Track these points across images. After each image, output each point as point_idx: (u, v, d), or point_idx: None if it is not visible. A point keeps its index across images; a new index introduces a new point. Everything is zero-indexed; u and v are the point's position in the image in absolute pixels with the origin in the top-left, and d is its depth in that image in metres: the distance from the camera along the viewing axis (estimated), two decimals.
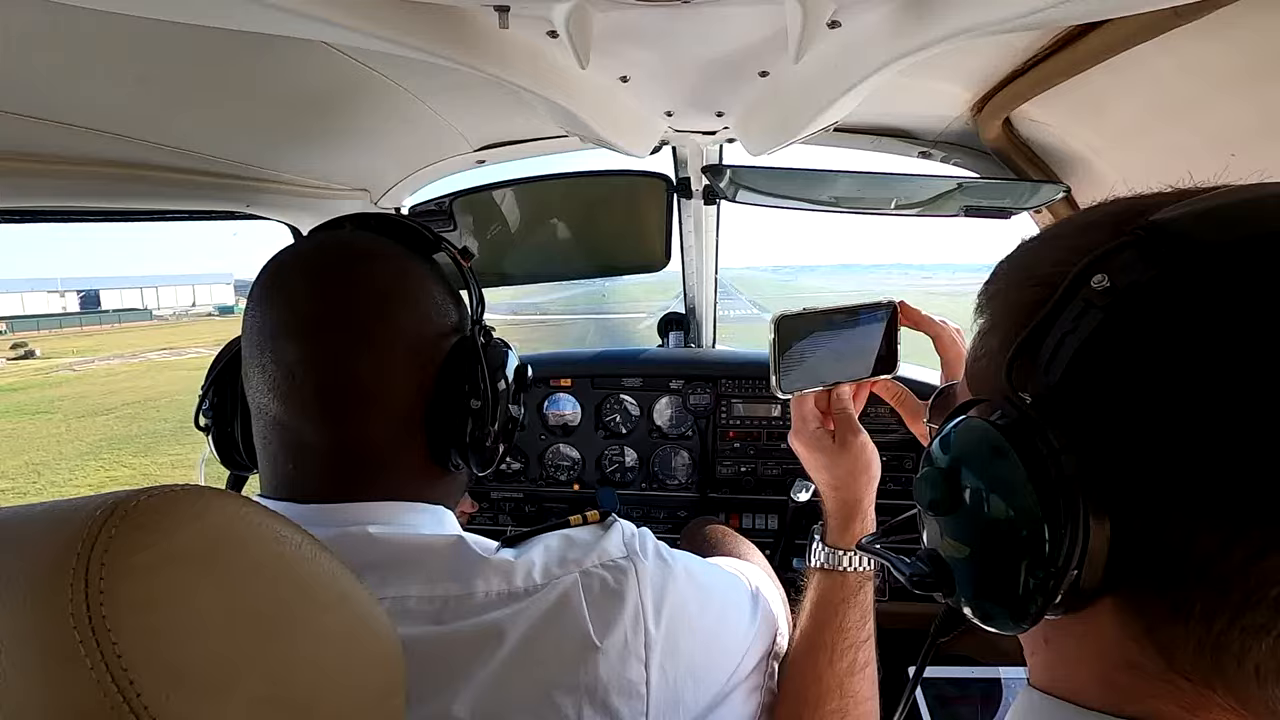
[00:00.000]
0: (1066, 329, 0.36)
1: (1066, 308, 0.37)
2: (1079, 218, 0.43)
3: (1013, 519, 0.37)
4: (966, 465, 0.40)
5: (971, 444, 0.40)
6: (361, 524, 0.63)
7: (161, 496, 0.35)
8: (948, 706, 1.21)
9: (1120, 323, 0.35)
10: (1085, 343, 0.36)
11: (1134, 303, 0.34)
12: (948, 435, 0.42)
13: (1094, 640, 0.38)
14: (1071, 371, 0.36)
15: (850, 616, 0.83)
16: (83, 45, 0.68)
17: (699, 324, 2.07)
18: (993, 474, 0.38)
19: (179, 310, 75.93)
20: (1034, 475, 0.36)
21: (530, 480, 1.81)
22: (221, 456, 0.79)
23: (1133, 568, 0.35)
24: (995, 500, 0.38)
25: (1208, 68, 0.78)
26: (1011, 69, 0.99)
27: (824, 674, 0.81)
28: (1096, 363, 0.35)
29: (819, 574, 0.87)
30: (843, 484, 0.88)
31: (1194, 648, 0.33)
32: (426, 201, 1.52)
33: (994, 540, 0.39)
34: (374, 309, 0.66)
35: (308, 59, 0.86)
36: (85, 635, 0.30)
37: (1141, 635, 0.35)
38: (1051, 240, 0.43)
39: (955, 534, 0.41)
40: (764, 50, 0.89)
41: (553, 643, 0.60)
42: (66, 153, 0.86)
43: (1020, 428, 0.37)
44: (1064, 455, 0.35)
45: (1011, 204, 1.27)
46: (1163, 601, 0.34)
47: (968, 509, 0.40)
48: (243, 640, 0.35)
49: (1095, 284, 0.35)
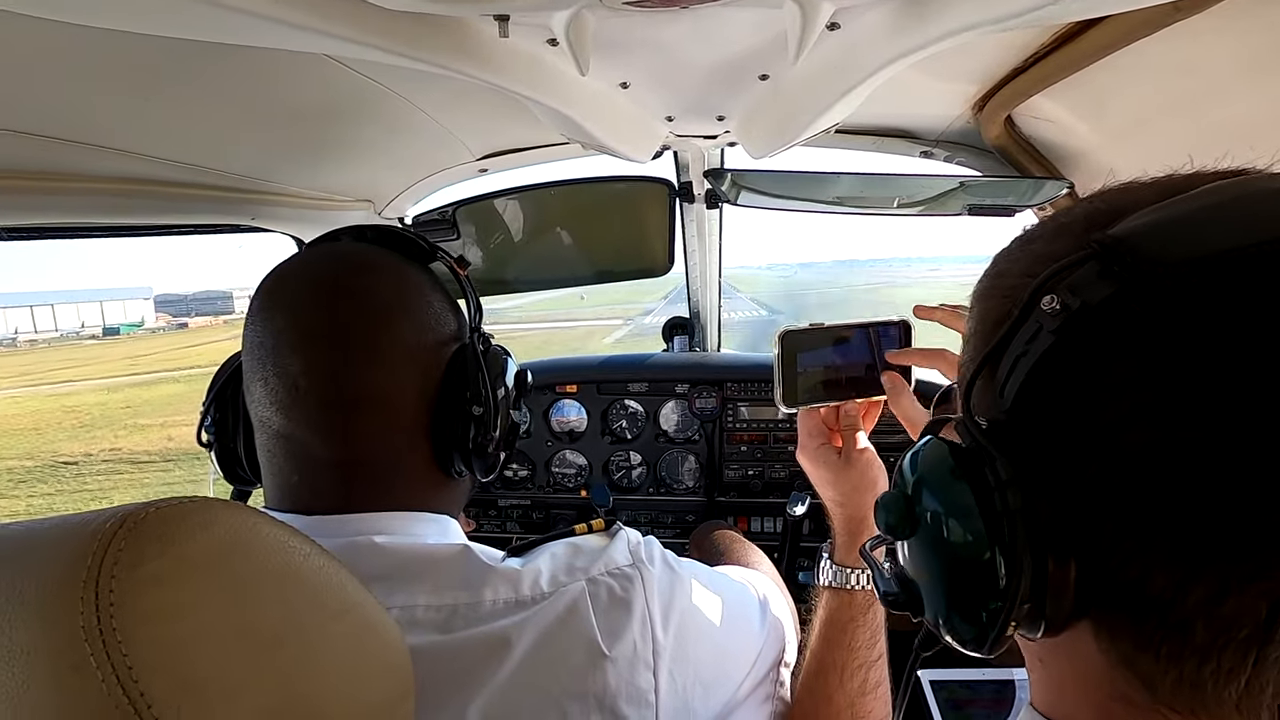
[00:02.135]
0: (1019, 351, 0.35)
1: (1021, 327, 0.35)
2: (1057, 218, 0.41)
3: (964, 548, 0.36)
4: (925, 488, 0.39)
5: (929, 467, 0.39)
6: (368, 534, 0.63)
7: (170, 508, 0.35)
8: (960, 709, 1.20)
9: (1067, 348, 0.33)
10: (1034, 368, 0.34)
11: (1083, 327, 0.32)
12: (914, 455, 0.41)
13: (1082, 665, 0.37)
14: (1021, 397, 0.35)
15: (859, 636, 0.82)
16: (86, 62, 0.69)
17: (703, 328, 2.07)
18: (945, 500, 0.38)
19: (66, 333, 62.19)
20: (982, 506, 0.35)
21: (537, 487, 1.81)
22: (225, 472, 0.79)
23: (1096, 599, 0.34)
24: (948, 528, 0.37)
25: (1209, 61, 0.78)
26: (1012, 67, 0.99)
27: (835, 695, 0.80)
28: (1043, 390, 0.34)
29: (827, 593, 0.85)
30: (848, 500, 0.86)
31: (1171, 683, 0.32)
32: (430, 211, 1.53)
33: (948, 567, 0.38)
34: (374, 320, 0.66)
35: (310, 72, 0.87)
36: (96, 647, 0.30)
37: (1121, 665, 0.34)
38: (1025, 244, 0.41)
39: (914, 558, 0.41)
40: (764, 53, 0.89)
41: (561, 651, 0.60)
42: (72, 170, 0.87)
43: (972, 455, 0.36)
44: (1009, 489, 0.34)
45: (1015, 201, 1.27)
46: (1132, 633, 0.33)
47: (923, 535, 0.39)
48: (252, 650, 0.35)
49: (1045, 306, 0.33)
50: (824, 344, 0.89)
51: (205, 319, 67.14)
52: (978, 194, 1.27)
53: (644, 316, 36.17)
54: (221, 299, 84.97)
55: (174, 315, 73.51)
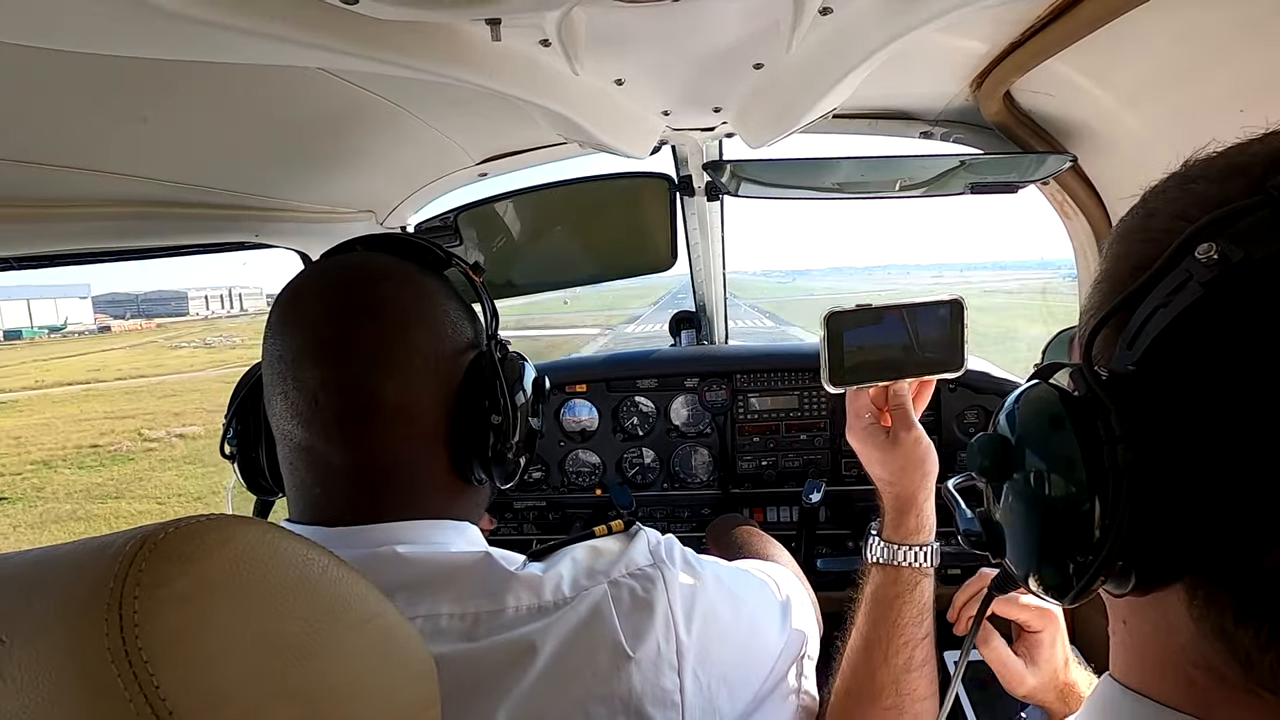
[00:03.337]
0: (1159, 302, 0.32)
1: (1166, 276, 0.32)
2: (1230, 155, 0.36)
3: (1059, 499, 0.35)
4: (1025, 435, 0.38)
5: (1033, 414, 0.38)
6: (390, 544, 0.63)
7: (188, 527, 0.35)
8: (984, 688, 1.19)
9: (1217, 305, 0.30)
10: (1176, 321, 0.31)
11: (1239, 283, 0.29)
12: (1019, 398, 0.39)
13: (1167, 630, 0.35)
14: (1154, 351, 0.32)
15: (906, 612, 0.82)
16: (82, 87, 0.70)
17: (710, 321, 2.07)
18: (1047, 448, 0.36)
19: None
20: (1089, 458, 0.33)
21: (552, 488, 1.82)
22: (247, 482, 0.80)
23: (1197, 565, 0.32)
24: (1044, 476, 0.36)
25: (1208, 28, 0.77)
26: (1009, 41, 0.97)
27: (878, 670, 0.80)
28: (1182, 346, 0.31)
29: (875, 569, 0.86)
30: (896, 479, 0.87)
31: (1271, 663, 0.30)
32: (432, 218, 1.53)
33: (1040, 515, 0.37)
34: (393, 330, 0.66)
35: (306, 86, 0.87)
36: (123, 668, 0.31)
37: (1214, 636, 0.32)
38: (1185, 184, 0.37)
39: (1007, 501, 0.39)
40: (757, 42, 0.88)
41: (586, 655, 0.60)
42: (72, 196, 0.88)
43: (1085, 405, 0.34)
44: (1121, 444, 0.32)
45: (1017, 178, 1.26)
46: (1234, 606, 0.31)
47: (1018, 480, 0.38)
48: (276, 664, 0.35)
49: (1200, 255, 0.30)
50: (871, 324, 0.90)
51: (149, 321, 63.75)
52: (979, 172, 1.26)
53: (626, 325, 34.39)
54: (175, 299, 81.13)
55: (115, 317, 70.11)
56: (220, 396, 4.58)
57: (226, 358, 30.45)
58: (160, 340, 42.99)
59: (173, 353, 35.46)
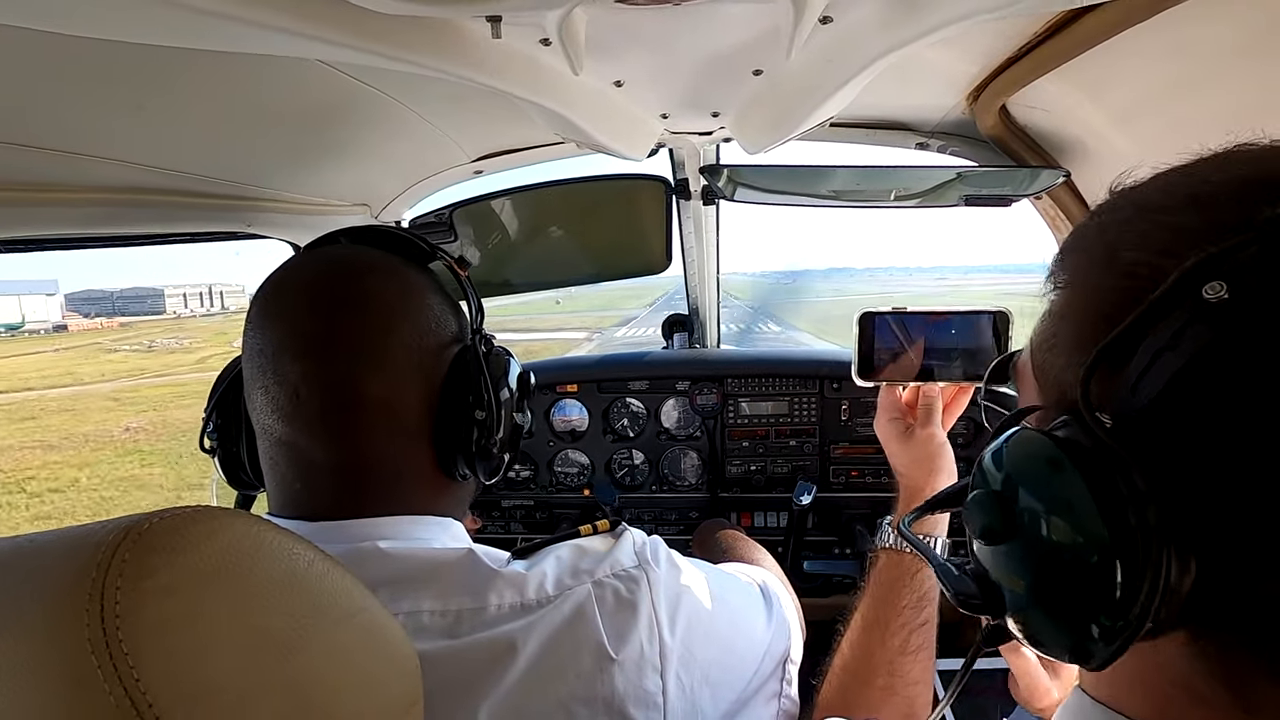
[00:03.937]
0: (1163, 344, 0.30)
1: (1167, 316, 0.30)
2: (1191, 184, 0.35)
3: (1081, 561, 0.32)
4: (1028, 491, 0.35)
5: (1034, 469, 0.35)
6: (372, 539, 0.63)
7: (173, 518, 0.35)
8: (970, 698, 1.20)
9: (1236, 346, 0.28)
10: (1188, 365, 0.29)
11: (1256, 323, 0.28)
12: (1002, 450, 0.37)
13: (1159, 667, 0.34)
14: (1166, 397, 0.30)
15: (905, 596, 0.85)
16: (77, 73, 0.69)
17: (703, 324, 2.07)
18: (1061, 508, 0.33)
19: None
20: (1111, 517, 0.31)
21: (540, 487, 1.81)
22: (228, 477, 0.79)
23: (1211, 611, 0.31)
24: (1061, 535, 0.33)
25: (1204, 45, 0.78)
26: (1006, 55, 0.98)
27: (875, 650, 0.82)
28: (1199, 391, 0.29)
29: (882, 553, 0.90)
30: (908, 471, 0.94)
31: (1275, 701, 0.30)
32: (426, 214, 1.53)
33: (1056, 577, 0.34)
34: (376, 324, 0.66)
35: (303, 77, 0.86)
36: (103, 660, 0.30)
37: (1210, 674, 0.32)
38: (1149, 212, 0.35)
39: (1011, 565, 0.37)
40: (757, 48, 0.88)
41: (568, 655, 0.60)
42: (64, 181, 0.87)
43: (1098, 458, 0.32)
44: (1151, 503, 0.30)
45: (1011, 191, 1.27)
46: (1242, 647, 0.31)
47: (1026, 541, 0.35)
48: (259, 658, 0.35)
49: (1209, 294, 0.29)
50: (903, 327, 1.00)
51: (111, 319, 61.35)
52: (974, 185, 1.27)
53: (616, 329, 33.70)
54: (152, 297, 79.53)
55: (85, 315, 68.34)
56: (107, 417, 3.82)
57: (149, 365, 28.67)
58: (106, 342, 40.50)
59: (105, 356, 33.05)
